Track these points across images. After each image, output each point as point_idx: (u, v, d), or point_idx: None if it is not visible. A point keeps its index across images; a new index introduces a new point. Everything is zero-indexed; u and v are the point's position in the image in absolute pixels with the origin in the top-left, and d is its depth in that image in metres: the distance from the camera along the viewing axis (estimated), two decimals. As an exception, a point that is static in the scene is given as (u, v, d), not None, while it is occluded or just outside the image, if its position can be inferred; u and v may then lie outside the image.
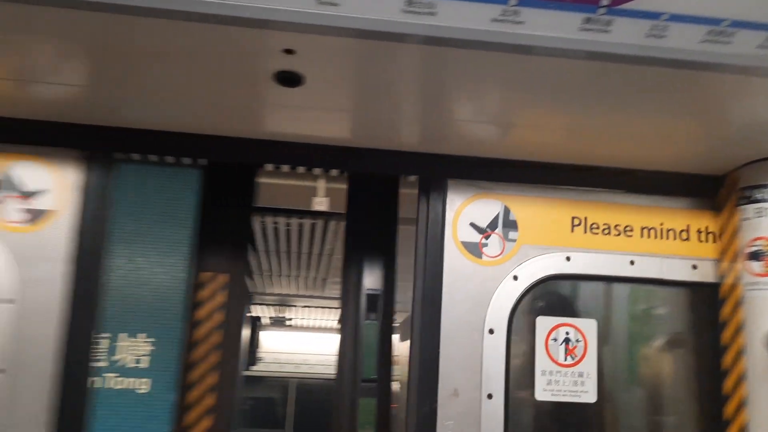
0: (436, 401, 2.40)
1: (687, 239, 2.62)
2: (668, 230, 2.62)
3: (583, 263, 2.57)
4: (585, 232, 2.59)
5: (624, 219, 2.61)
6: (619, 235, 2.60)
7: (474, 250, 2.51)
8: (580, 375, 2.51)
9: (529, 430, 2.65)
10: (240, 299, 2.47)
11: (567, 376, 2.51)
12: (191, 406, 2.38)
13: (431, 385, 2.41)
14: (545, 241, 2.56)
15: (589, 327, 2.56)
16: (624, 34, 1.77)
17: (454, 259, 2.50)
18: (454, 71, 1.92)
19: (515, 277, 2.51)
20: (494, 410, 2.42)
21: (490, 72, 1.92)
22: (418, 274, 2.50)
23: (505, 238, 2.54)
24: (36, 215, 2.31)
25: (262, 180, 2.61)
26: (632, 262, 2.58)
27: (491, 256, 2.52)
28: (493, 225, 2.54)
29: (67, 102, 2.23)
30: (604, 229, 2.60)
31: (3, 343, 2.22)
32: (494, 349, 2.45)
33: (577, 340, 2.53)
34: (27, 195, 2.32)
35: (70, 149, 2.36)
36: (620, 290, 2.77)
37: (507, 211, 2.56)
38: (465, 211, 2.54)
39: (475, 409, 2.41)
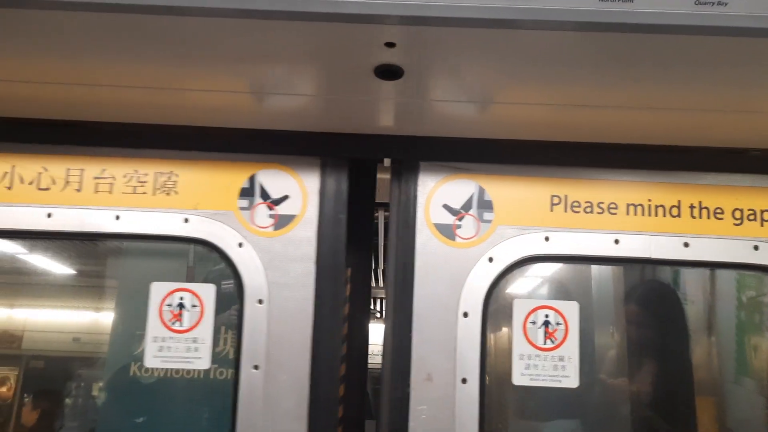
0: (408, 386, 2.36)
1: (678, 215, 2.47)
2: (657, 206, 2.48)
3: (562, 243, 2.46)
4: (565, 210, 2.48)
5: (608, 196, 2.49)
6: (602, 213, 2.47)
7: (447, 232, 2.46)
8: (561, 359, 2.41)
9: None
10: (363, 291, 2.58)
11: (546, 361, 2.42)
12: None
13: (404, 370, 2.38)
14: (522, 221, 2.47)
15: (570, 310, 2.45)
16: (743, 6, 1.68)
17: (426, 241, 2.45)
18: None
19: (490, 259, 2.44)
20: (469, 395, 2.35)
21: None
22: (390, 258, 2.48)
23: (480, 219, 2.47)
24: (282, 220, 2.45)
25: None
26: (617, 241, 2.45)
27: (465, 238, 2.46)
28: (467, 206, 2.48)
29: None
30: (586, 207, 2.48)
31: (257, 341, 2.37)
32: (469, 333, 2.38)
33: (558, 323, 2.43)
34: (274, 202, 2.47)
35: (308, 156, 2.50)
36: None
37: (482, 191, 2.49)
38: (438, 193, 2.49)
39: (449, 394, 2.35)
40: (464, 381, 2.35)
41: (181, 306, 2.41)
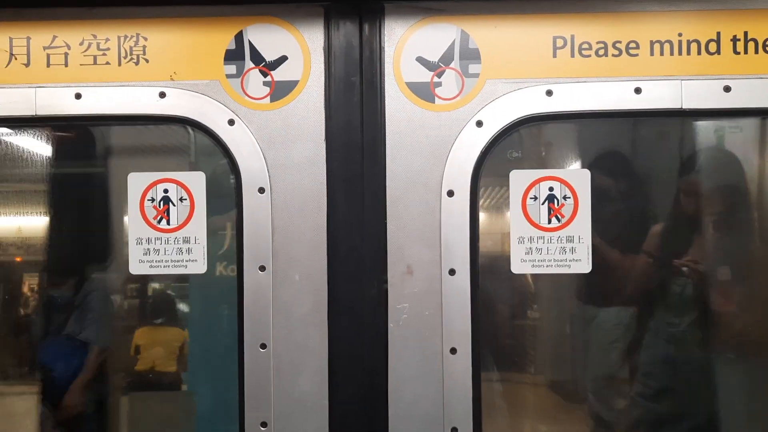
0: (386, 281, 2.05)
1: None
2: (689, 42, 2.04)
3: (569, 97, 2.04)
4: (572, 55, 2.06)
5: (626, 33, 2.04)
6: (619, 55, 2.04)
7: (424, 92, 2.08)
8: (569, 240, 2.05)
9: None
10: None
11: (552, 243, 2.04)
12: None
13: (379, 263, 2.05)
14: (518, 72, 2.07)
15: (579, 180, 2.06)
16: None
17: (397, 105, 2.09)
18: None
19: (479, 123, 2.06)
20: (459, 288, 2.03)
21: None
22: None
23: (464, 73, 2.08)
24: (281, 89, 2.10)
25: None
26: (638, 90, 2.02)
27: (447, 98, 2.08)
28: (447, 58, 2.08)
29: None
30: (598, 50, 2.04)
31: (261, 238, 2.08)
32: (455, 215, 2.05)
33: (565, 198, 2.05)
34: (268, 65, 2.12)
35: (309, 3, 2.11)
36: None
37: (465, 37, 2.08)
38: (409, 43, 2.08)
39: (434, 288, 2.04)
40: (452, 272, 2.05)
41: (166, 200, 2.13)
